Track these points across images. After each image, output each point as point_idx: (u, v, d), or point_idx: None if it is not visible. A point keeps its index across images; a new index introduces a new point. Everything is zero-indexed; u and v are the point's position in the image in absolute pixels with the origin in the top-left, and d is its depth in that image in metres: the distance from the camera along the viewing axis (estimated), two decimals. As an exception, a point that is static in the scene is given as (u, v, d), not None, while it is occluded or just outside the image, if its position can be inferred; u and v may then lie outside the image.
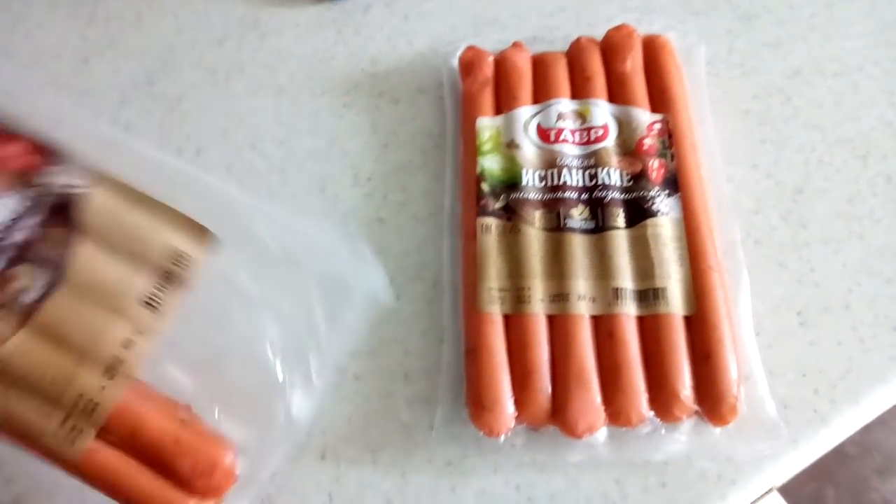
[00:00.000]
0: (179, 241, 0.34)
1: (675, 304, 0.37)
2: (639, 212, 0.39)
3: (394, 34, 0.49)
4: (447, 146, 0.44)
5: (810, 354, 0.38)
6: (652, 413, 0.35)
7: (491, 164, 0.41)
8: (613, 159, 0.41)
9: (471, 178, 0.41)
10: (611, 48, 0.44)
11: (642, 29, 0.45)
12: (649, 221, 0.39)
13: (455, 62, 0.45)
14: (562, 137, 0.42)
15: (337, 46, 0.49)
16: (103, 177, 0.34)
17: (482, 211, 0.40)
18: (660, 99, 0.43)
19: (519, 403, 0.35)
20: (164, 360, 0.32)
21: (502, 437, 0.35)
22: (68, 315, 0.31)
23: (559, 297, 0.37)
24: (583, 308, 0.37)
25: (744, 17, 0.49)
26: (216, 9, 0.51)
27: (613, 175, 0.40)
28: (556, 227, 0.39)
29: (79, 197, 0.33)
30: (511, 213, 0.40)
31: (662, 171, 0.40)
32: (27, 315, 0.31)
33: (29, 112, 0.34)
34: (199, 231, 0.34)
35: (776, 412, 0.35)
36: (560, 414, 0.35)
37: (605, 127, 0.42)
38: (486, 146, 0.42)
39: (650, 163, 0.41)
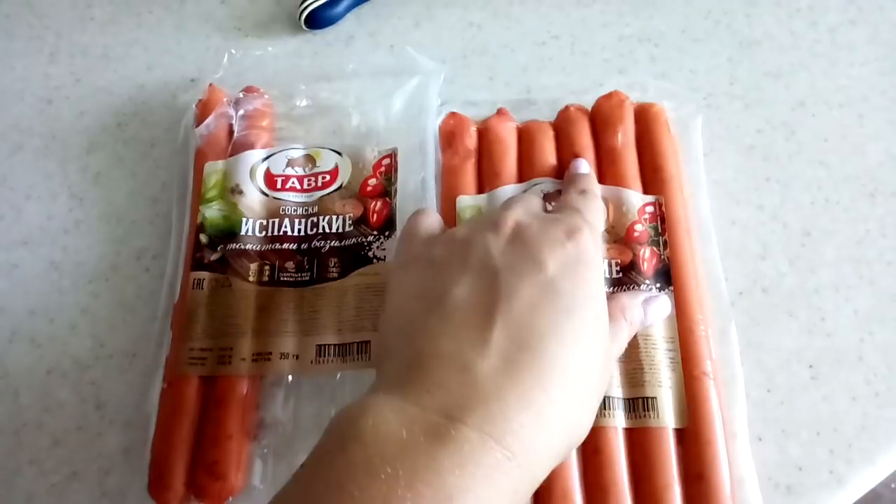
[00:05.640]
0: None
1: (667, 415, 0.34)
2: (629, 308, 0.37)
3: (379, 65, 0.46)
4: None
5: (824, 411, 0.37)
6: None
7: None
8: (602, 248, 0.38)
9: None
10: (601, 119, 0.41)
11: (637, 71, 0.43)
12: (640, 322, 0.36)
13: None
14: (548, 219, 0.39)
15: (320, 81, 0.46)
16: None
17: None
18: (653, 178, 0.40)
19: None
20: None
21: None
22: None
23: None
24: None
25: (745, 44, 0.47)
26: (188, 41, 0.48)
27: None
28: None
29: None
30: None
31: (654, 260, 0.38)
32: None
33: None
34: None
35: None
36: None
37: (594, 209, 0.39)
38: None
39: (641, 252, 0.38)
